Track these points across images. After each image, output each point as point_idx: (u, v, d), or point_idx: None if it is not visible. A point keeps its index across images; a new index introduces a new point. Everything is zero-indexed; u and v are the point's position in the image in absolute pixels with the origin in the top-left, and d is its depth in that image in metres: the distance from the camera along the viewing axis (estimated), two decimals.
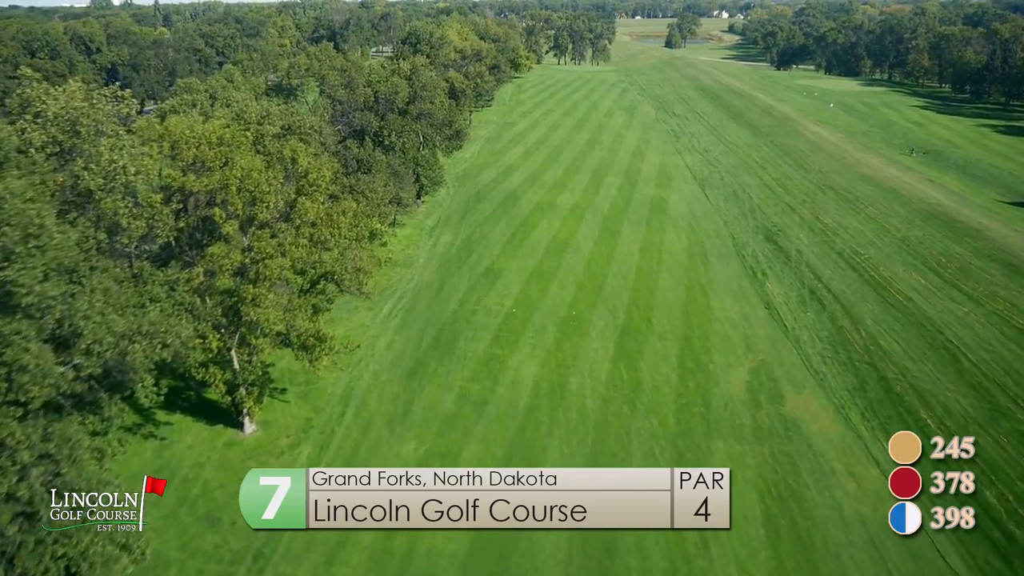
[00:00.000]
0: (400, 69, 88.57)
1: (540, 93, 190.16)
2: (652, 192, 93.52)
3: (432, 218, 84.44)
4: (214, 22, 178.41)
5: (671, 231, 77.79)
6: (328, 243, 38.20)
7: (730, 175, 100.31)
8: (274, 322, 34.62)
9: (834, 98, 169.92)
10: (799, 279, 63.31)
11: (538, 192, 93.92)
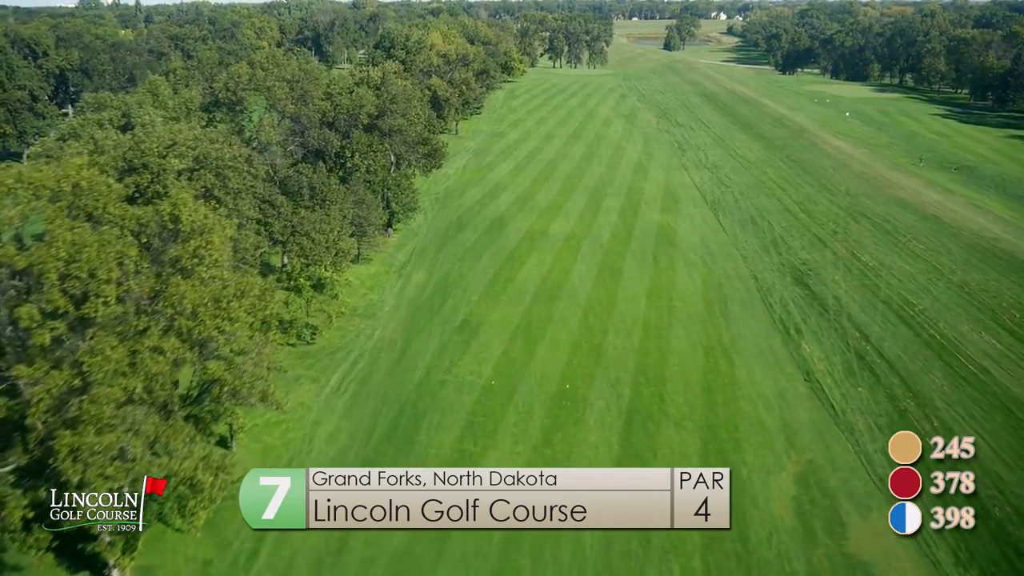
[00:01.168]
0: (369, 78, 77.10)
1: (534, 99, 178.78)
2: (658, 218, 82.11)
3: (404, 251, 72.92)
4: (184, 23, 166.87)
5: (682, 269, 66.37)
6: (214, 341, 26.63)
7: (745, 197, 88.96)
8: (113, 476, 23.11)
9: (848, 106, 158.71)
10: (842, 338, 51.94)
11: (528, 217, 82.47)
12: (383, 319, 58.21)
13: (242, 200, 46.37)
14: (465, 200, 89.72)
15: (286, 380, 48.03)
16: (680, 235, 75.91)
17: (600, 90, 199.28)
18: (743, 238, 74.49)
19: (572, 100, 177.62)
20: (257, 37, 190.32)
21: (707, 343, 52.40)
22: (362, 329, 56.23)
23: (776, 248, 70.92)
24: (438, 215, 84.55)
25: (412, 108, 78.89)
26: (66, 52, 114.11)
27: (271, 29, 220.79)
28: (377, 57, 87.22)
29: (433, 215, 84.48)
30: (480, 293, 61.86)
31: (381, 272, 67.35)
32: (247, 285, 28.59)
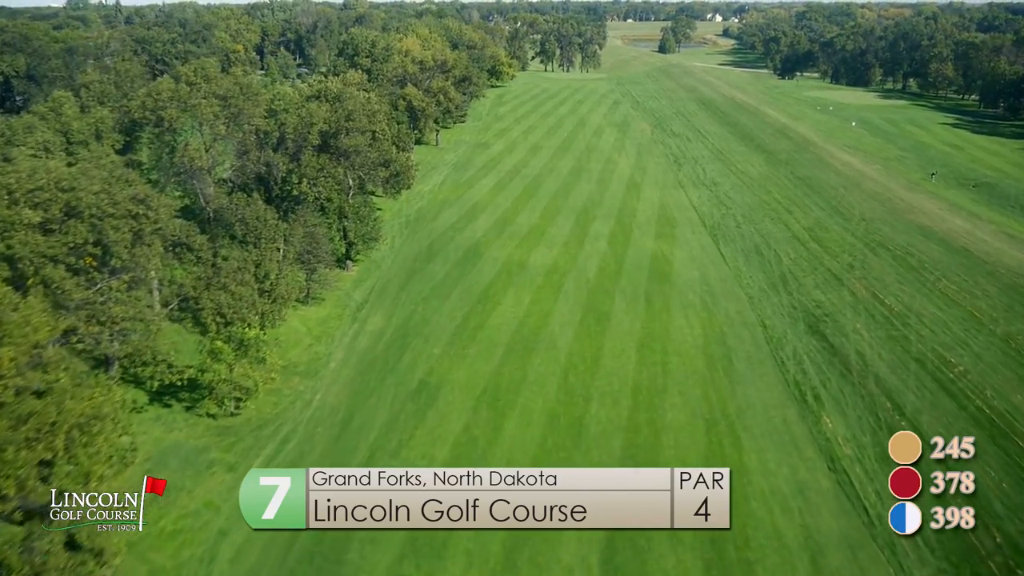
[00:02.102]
0: (327, 90, 68.40)
1: (522, 106, 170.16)
2: (651, 246, 73.48)
3: (364, 287, 64.14)
4: (152, 25, 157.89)
5: (679, 313, 57.72)
6: None
7: (748, 221, 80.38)
8: None
9: (853, 114, 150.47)
10: (870, 410, 43.36)
11: (507, 244, 73.82)
12: (327, 379, 49.45)
13: (139, 251, 37.61)
14: (439, 223, 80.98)
15: (195, 468, 39.42)
16: (676, 268, 67.28)
17: (592, 96, 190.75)
18: (748, 272, 65.88)
19: (562, 107, 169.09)
20: (233, 40, 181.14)
21: (709, 414, 43.75)
22: (300, 392, 47.49)
23: (785, 285, 62.32)
24: (407, 241, 75.81)
25: (376, 123, 70.18)
26: (11, 57, 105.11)
27: (250, 32, 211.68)
28: (340, 66, 78.55)
29: (402, 241, 75.74)
30: (444, 343, 53.16)
31: (333, 315, 58.55)
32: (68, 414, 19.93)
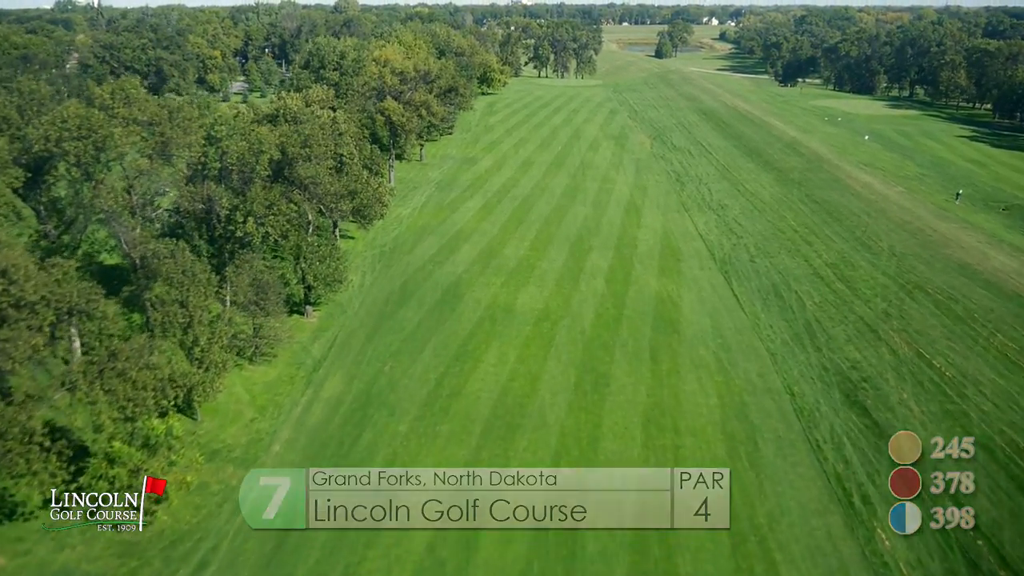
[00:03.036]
0: (286, 109, 59.72)
1: (514, 115, 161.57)
2: (655, 285, 64.89)
3: (324, 339, 55.32)
4: (122, 31, 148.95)
5: (690, 375, 49.11)
6: None
7: (762, 253, 71.86)
8: None
9: (864, 126, 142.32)
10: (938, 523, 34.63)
11: (492, 282, 65.17)
12: (267, 467, 40.64)
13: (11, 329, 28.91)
14: (416, 255, 72.25)
15: None
16: (685, 314, 58.66)
17: (588, 104, 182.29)
18: (767, 320, 57.31)
19: (556, 117, 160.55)
20: (210, 46, 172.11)
21: (734, 524, 35.04)
22: (231, 489, 38.70)
23: (812, 338, 53.75)
24: (380, 278, 67.03)
25: (343, 146, 61.53)
26: None
27: (230, 37, 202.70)
28: (303, 80, 69.88)
29: (373, 278, 66.97)
30: (413, 417, 44.50)
31: (284, 378, 49.75)
32: None
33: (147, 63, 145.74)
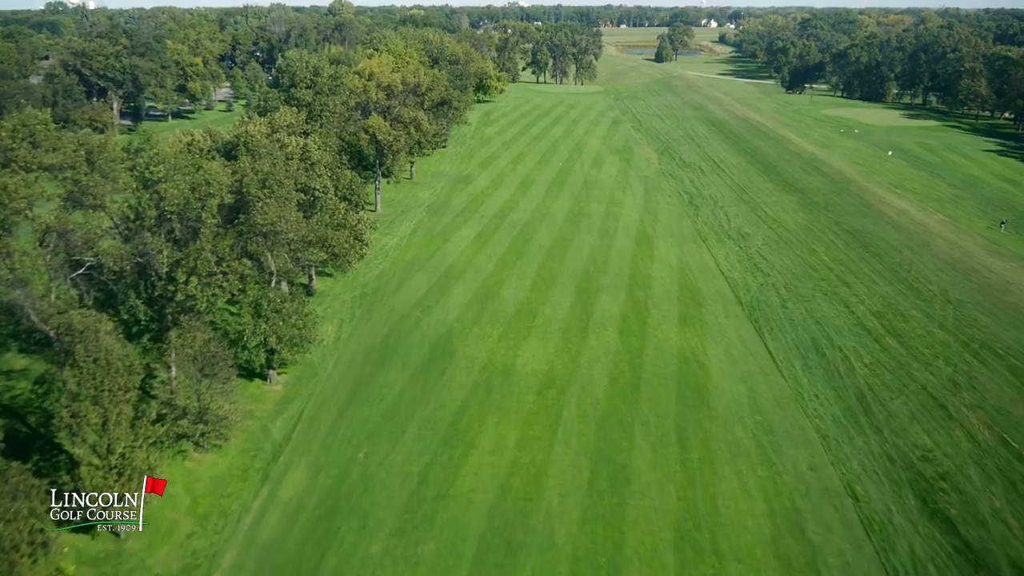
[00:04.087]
0: (247, 137, 51.02)
1: (512, 126, 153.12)
2: (676, 339, 56.25)
3: (288, 414, 46.55)
4: (94, 37, 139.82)
5: (727, 468, 40.49)
6: None
7: (795, 296, 63.31)
8: None
9: (880, 137, 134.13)
10: None
11: (488, 334, 56.56)
12: None
13: None
14: (402, 299, 63.56)
15: None
16: (714, 379, 50.02)
17: (589, 113, 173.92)
18: (811, 387, 48.71)
19: (556, 127, 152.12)
20: (191, 52, 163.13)
21: None
22: None
23: (868, 415, 45.18)
24: (359, 329, 58.28)
25: (315, 179, 52.86)
26: None
27: (215, 42, 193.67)
28: (272, 100, 61.22)
29: (351, 329, 58.20)
30: (389, 532, 35.88)
31: (235, 470, 40.98)
32: None
33: (122, 71, 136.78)
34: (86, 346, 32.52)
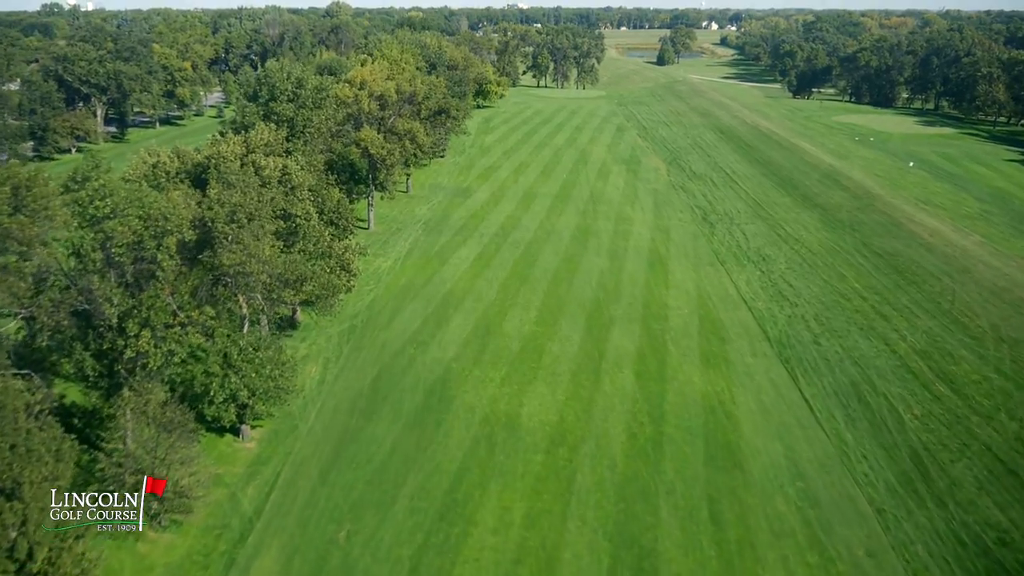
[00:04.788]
0: (219, 159, 45.23)
1: (512, 133, 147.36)
2: (699, 381, 50.41)
3: (260, 480, 40.60)
4: (76, 41, 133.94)
5: (771, 552, 34.65)
6: None
7: (828, 331, 57.45)
8: None
9: (897, 146, 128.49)
10: None
11: (489, 376, 50.74)
12: None
13: None
14: (394, 332, 57.70)
15: None
16: (745, 434, 44.16)
17: (592, 119, 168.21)
18: (857, 445, 42.87)
19: (559, 135, 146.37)
20: (180, 57, 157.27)
21: None
22: None
23: (928, 482, 39.35)
24: (346, 369, 52.36)
25: (295, 205, 47.01)
26: None
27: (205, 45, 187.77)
28: (249, 116, 55.31)
29: (338, 370, 52.29)
30: None
31: (196, 555, 35.03)
32: None
33: (107, 77, 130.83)
34: (6, 421, 26.66)
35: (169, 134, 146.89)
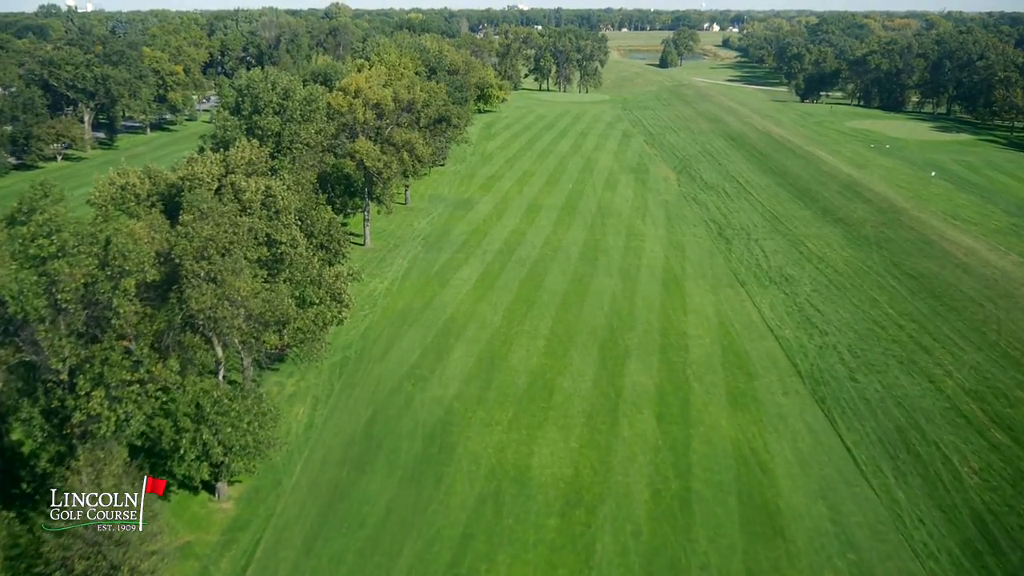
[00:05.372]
0: (193, 180, 40.47)
1: (515, 139, 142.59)
2: (727, 426, 45.55)
3: (235, 551, 35.66)
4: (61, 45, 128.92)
5: None
6: None
7: (865, 365, 52.56)
8: None
9: (914, 153, 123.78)
10: None
11: (495, 420, 45.95)
12: None
13: None
14: (390, 365, 52.88)
15: None
16: (785, 494, 39.25)
17: (597, 125, 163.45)
18: (911, 506, 37.98)
19: (563, 141, 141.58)
20: (172, 60, 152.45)
21: None
22: None
23: (997, 554, 34.51)
24: (336, 411, 47.49)
25: (280, 231, 42.19)
26: None
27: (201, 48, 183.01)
28: (231, 129, 50.34)
29: (328, 411, 47.43)
30: None
31: None
32: None
33: (94, 81, 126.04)
34: None
35: (160, 140, 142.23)
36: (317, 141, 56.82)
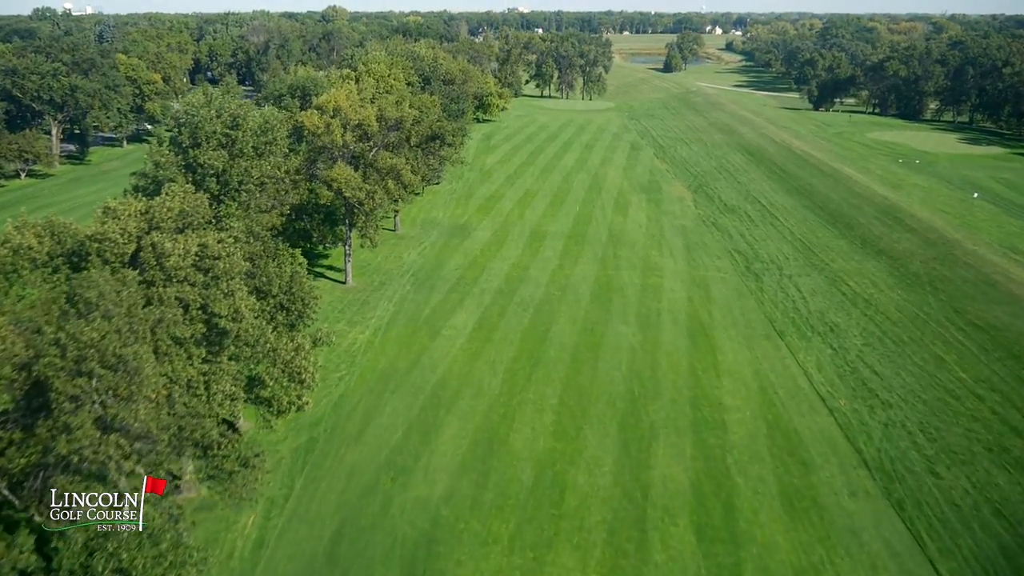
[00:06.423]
0: (104, 243, 31.04)
1: (516, 153, 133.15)
2: (785, 545, 36.06)
3: None
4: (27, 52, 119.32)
5: None
6: None
7: (945, 452, 43.06)
8: None
9: (946, 169, 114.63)
10: None
11: (495, 538, 36.59)
12: None
13: None
14: (366, 452, 43.40)
15: None
16: None
17: (603, 136, 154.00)
18: None
19: (568, 155, 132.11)
20: (151, 68, 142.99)
21: None
22: None
23: None
24: (294, 521, 37.93)
25: (218, 302, 32.73)
26: None
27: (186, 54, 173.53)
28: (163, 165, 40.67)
29: (283, 522, 37.86)
30: None
31: None
32: None
33: (63, 92, 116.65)
34: None
35: (137, 153, 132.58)
36: (278, 177, 47.23)
